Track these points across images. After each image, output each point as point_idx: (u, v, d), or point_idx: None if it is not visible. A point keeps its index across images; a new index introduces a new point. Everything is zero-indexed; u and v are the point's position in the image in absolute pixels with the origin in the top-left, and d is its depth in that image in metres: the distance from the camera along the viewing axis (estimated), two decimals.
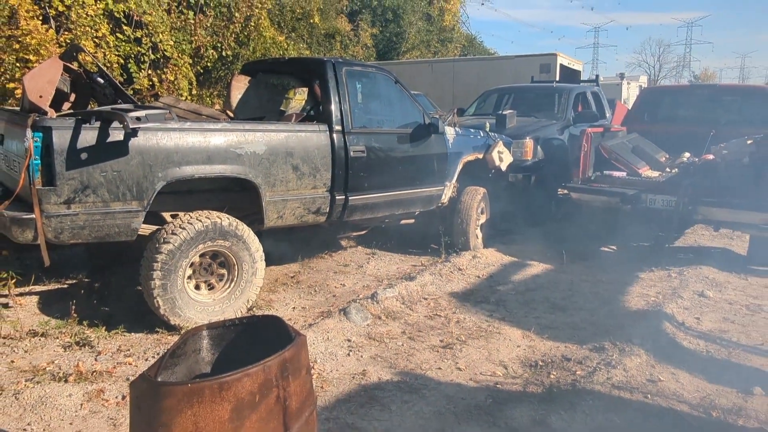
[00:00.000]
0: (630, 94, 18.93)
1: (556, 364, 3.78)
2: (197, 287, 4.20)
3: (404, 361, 3.73)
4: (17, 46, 8.36)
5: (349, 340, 4.02)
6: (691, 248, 7.05)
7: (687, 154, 7.19)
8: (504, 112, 7.72)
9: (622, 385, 3.48)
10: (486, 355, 3.89)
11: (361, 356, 3.79)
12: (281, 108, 5.34)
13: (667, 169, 7.02)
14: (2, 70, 8.43)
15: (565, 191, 7.36)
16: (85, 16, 8.97)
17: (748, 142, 6.48)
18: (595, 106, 9.49)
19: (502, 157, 6.59)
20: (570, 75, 14.92)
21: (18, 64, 8.31)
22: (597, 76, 12.73)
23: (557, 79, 13.50)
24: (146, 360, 3.63)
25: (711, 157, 6.69)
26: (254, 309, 4.48)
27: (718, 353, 4.01)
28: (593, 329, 4.39)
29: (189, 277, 4.11)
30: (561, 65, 14.67)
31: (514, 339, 4.18)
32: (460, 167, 6.18)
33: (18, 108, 4.67)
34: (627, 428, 3.04)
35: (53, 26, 8.93)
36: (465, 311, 4.70)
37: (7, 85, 8.34)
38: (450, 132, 6.08)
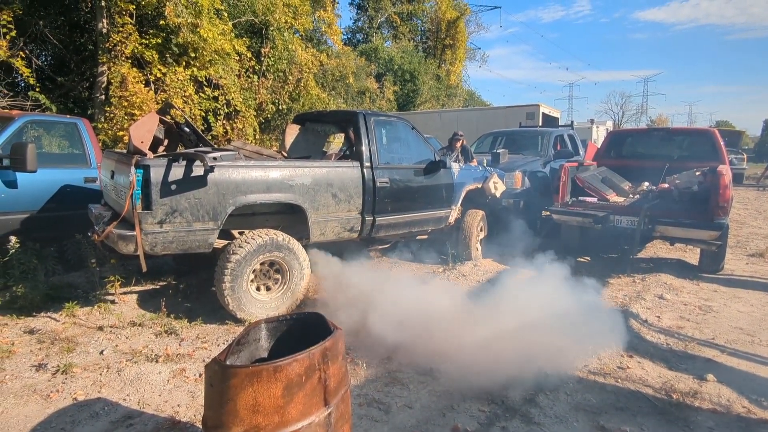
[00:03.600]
0: (599, 135, 18.67)
1: (541, 352, 3.66)
2: (258, 289, 4.21)
3: (421, 347, 3.66)
4: (126, 104, 8.62)
5: (376, 332, 3.95)
6: (651, 259, 6.85)
7: (646, 183, 7.03)
8: (498, 151, 7.67)
9: (597, 371, 3.36)
10: (485, 344, 3.79)
11: (386, 344, 3.73)
12: (324, 149, 5.38)
13: (630, 196, 6.87)
14: (114, 122, 8.69)
15: (548, 213, 7.26)
16: (176, 80, 9.21)
17: (697, 173, 6.31)
18: (570, 145, 9.39)
19: (497, 186, 6.54)
20: (550, 121, 14.79)
21: (126, 117, 8.55)
22: (572, 121, 12.60)
23: (540, 124, 13.39)
24: (218, 346, 3.64)
25: (666, 185, 6.53)
26: (302, 306, 4.47)
27: (677, 346, 3.86)
28: (570, 322, 4.24)
29: (252, 281, 4.13)
30: (543, 113, 14.56)
31: (507, 331, 4.06)
32: (463, 194, 6.13)
33: (125, 151, 4.78)
34: (601, 406, 2.93)
35: (152, 88, 9.18)
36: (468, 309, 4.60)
37: (118, 133, 8.57)
38: (455, 167, 6.05)
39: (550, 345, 3.47)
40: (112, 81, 8.93)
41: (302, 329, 2.30)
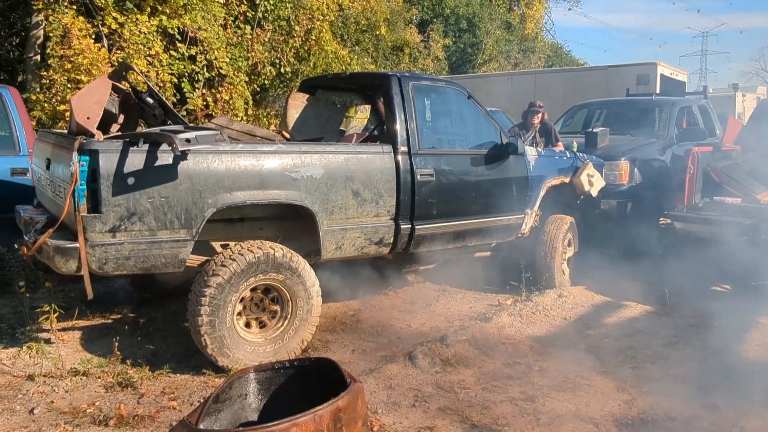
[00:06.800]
0: (746, 107, 18.10)
1: (658, 423, 3.59)
2: (247, 325, 4.26)
3: (478, 415, 3.63)
4: (69, 66, 8.84)
5: (415, 389, 3.95)
6: None
7: None
8: (595, 130, 7.56)
9: None
10: (573, 410, 3.74)
11: (429, 408, 3.72)
12: (341, 127, 5.43)
13: None
14: (54, 91, 8.95)
15: (668, 220, 7.09)
16: (138, 33, 9.40)
17: None
18: (702, 121, 9.16)
19: (593, 181, 6.45)
20: (673, 87, 14.46)
21: (69, 85, 8.78)
22: (705, 87, 12.34)
23: (657, 91, 13.12)
24: (191, 404, 3.69)
25: None
26: (309, 350, 4.49)
27: None
28: (702, 383, 4.14)
29: (239, 314, 4.18)
30: (662, 76, 14.26)
31: (607, 392, 4.00)
32: (543, 193, 6.08)
33: (65, 131, 4.92)
34: None
35: (105, 45, 9.42)
36: (549, 358, 4.55)
37: (57, 107, 8.83)
38: (531, 153, 6.00)
39: None
40: (51, 35, 9.22)
41: (307, 381, 2.32)
